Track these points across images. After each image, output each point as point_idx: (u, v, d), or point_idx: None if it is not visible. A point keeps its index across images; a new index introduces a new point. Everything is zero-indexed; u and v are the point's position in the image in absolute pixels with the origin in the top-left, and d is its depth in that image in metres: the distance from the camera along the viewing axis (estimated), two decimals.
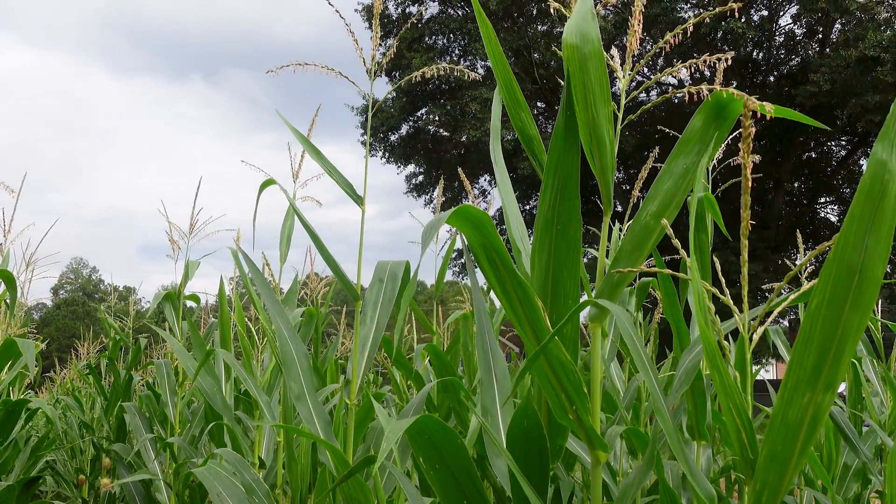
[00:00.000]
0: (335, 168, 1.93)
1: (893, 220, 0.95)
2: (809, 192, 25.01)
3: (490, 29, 1.46)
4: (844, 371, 1.01)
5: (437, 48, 23.85)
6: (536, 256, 1.37)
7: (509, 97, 1.50)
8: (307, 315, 3.42)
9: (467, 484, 1.30)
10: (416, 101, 24.26)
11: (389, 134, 25.62)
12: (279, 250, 3.10)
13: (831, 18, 20.53)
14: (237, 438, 3.05)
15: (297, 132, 1.97)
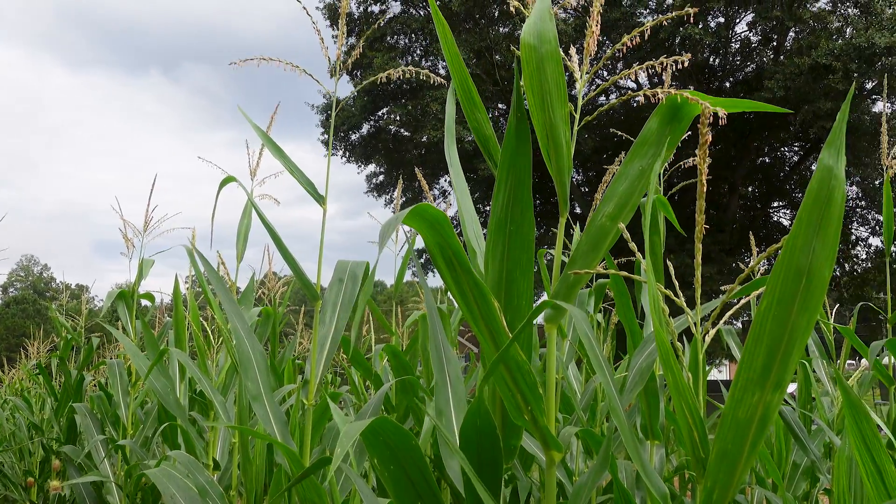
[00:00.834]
0: (297, 166, 1.92)
1: (840, 224, 0.97)
2: (763, 197, 25.51)
3: (446, 28, 1.46)
4: (793, 370, 1.03)
5: (398, 48, 23.80)
6: (490, 257, 1.38)
7: (465, 97, 1.50)
8: (264, 314, 3.39)
9: (421, 485, 1.30)
10: (377, 100, 24.18)
11: (350, 133, 25.49)
12: (236, 248, 3.06)
13: (785, 27, 20.98)
14: (191, 440, 3.01)
15: (258, 129, 1.95)
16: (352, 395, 4.19)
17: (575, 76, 1.47)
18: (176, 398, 2.98)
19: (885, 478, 1.24)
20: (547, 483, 1.34)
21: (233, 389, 3.23)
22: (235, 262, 3.10)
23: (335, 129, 24.74)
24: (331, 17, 23.62)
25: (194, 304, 3.44)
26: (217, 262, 3.22)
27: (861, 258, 23.96)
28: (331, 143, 1.96)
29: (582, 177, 24.86)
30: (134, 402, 3.80)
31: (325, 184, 1.94)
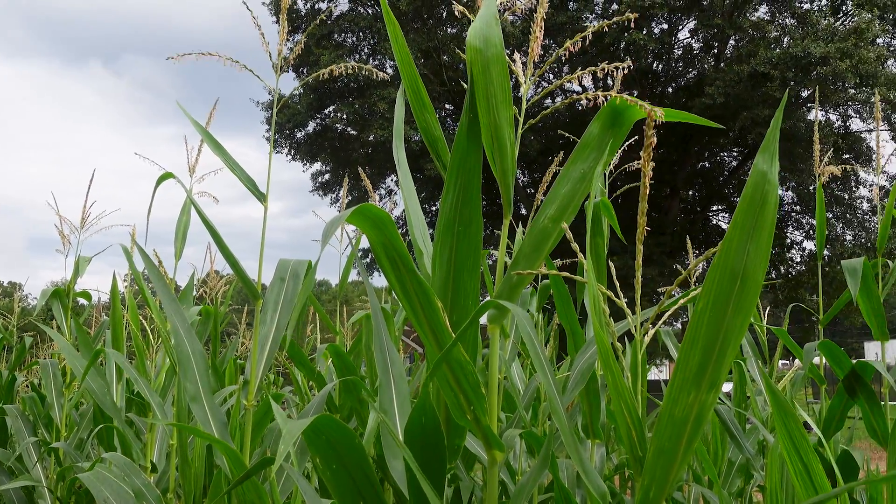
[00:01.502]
0: (237, 163, 1.89)
1: (773, 228, 1.00)
2: (703, 200, 26.11)
3: (397, 28, 1.45)
4: (727, 370, 1.05)
5: (346, 46, 23.66)
6: (438, 257, 1.38)
7: (414, 98, 1.50)
8: (205, 313, 3.33)
9: (364, 484, 1.29)
10: (323, 98, 23.99)
11: (296, 131, 25.24)
12: (174, 246, 3.00)
13: (726, 35, 21.52)
14: (128, 441, 2.94)
15: (198, 125, 1.91)
16: (295, 395, 4.15)
17: (520, 79, 1.48)
18: (112, 399, 2.91)
19: (812, 475, 1.28)
20: (489, 483, 1.34)
21: (172, 390, 3.17)
22: (174, 259, 3.04)
23: (280, 127, 24.44)
24: (276, 12, 23.35)
25: (133, 303, 3.36)
26: (155, 261, 3.16)
27: (795, 261, 24.73)
28: (273, 140, 1.93)
29: (528, 178, 25.09)
30: (68, 403, 3.69)
31: (266, 181, 1.92)
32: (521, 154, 21.58)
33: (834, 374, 2.66)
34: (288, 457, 2.29)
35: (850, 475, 2.58)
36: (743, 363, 3.25)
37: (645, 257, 20.97)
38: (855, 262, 2.59)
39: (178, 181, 1.99)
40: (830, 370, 2.72)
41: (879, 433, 2.56)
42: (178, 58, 1.84)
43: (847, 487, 0.94)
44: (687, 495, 3.35)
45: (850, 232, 23.43)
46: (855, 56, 18.04)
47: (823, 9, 20.99)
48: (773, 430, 3.19)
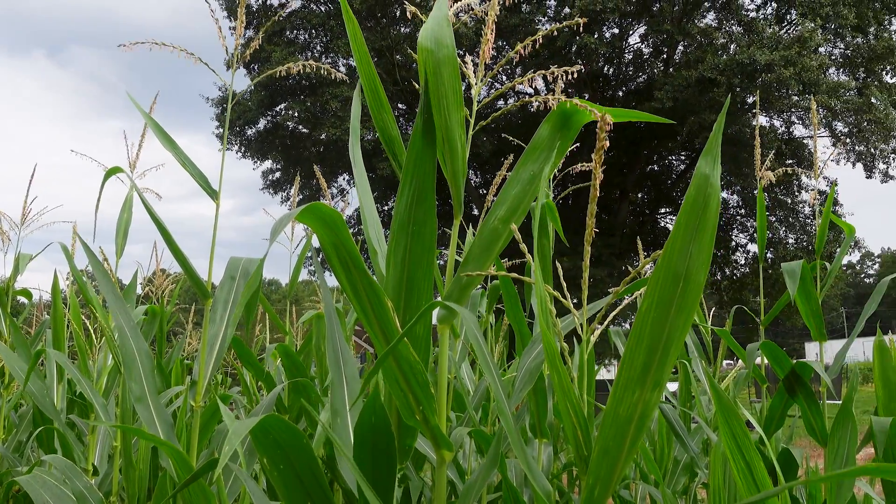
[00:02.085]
0: (189, 159, 1.86)
1: (715, 229, 1.03)
2: (652, 203, 26.56)
3: (356, 26, 1.45)
4: (671, 370, 1.08)
5: (298, 43, 23.45)
6: (392, 257, 1.38)
7: (372, 97, 1.50)
8: (151, 313, 3.27)
9: (312, 485, 1.29)
10: (274, 95, 23.73)
11: (246, 128, 24.92)
12: (115, 243, 2.94)
13: (675, 40, 21.92)
14: (69, 444, 2.87)
15: (149, 118, 1.87)
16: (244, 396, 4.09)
17: (471, 81, 1.49)
18: (52, 401, 2.84)
19: (753, 473, 1.31)
20: (437, 482, 1.35)
21: (115, 391, 3.10)
22: (115, 257, 2.98)
23: (231, 124, 24.11)
24: (228, 8, 23.05)
25: (75, 302, 3.28)
26: (100, 258, 3.09)
27: (740, 263, 25.32)
28: (225, 136, 1.90)
29: (480, 179, 25.20)
30: (7, 404, 3.59)
31: (219, 178, 1.89)
32: (474, 155, 21.67)
33: (775, 373, 2.73)
34: (236, 457, 2.26)
35: (790, 473, 2.65)
36: (688, 363, 3.31)
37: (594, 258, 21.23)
38: (794, 264, 2.66)
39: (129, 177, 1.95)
40: (772, 370, 2.79)
41: (818, 431, 2.64)
42: (130, 46, 1.80)
43: (787, 486, 0.97)
44: (634, 493, 3.41)
45: (793, 235, 24.09)
46: (798, 64, 18.54)
47: (769, 17, 21.54)
48: (716, 429, 3.26)
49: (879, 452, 2.45)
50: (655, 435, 3.38)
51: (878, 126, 21.00)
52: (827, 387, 2.72)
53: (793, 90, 19.40)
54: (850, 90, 20.74)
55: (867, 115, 20.65)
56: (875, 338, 2.63)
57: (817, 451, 8.79)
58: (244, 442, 2.11)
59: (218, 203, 1.88)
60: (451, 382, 2.87)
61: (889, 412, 2.58)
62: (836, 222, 3.00)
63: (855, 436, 2.26)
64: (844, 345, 2.71)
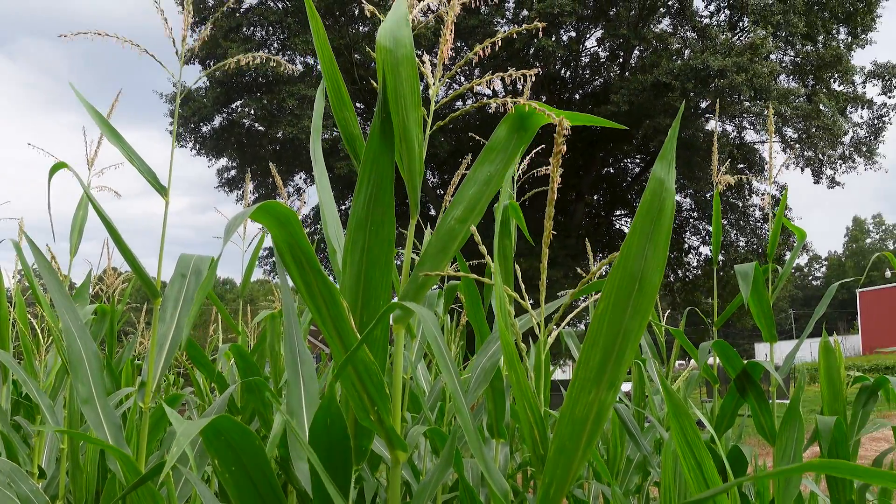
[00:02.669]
0: (137, 155, 1.82)
1: (670, 232, 1.04)
2: (607, 205, 26.89)
3: (319, 23, 1.43)
4: (626, 370, 1.08)
5: (255, 40, 23.19)
6: (349, 256, 1.37)
7: (335, 95, 1.49)
8: (101, 312, 3.20)
9: (264, 487, 1.27)
10: (230, 92, 23.44)
11: (201, 125, 24.57)
12: (70, 241, 2.87)
13: (631, 45, 22.23)
14: (14, 446, 2.79)
15: (95, 112, 1.82)
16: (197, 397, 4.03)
17: (429, 81, 1.49)
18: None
19: (703, 471, 1.33)
20: (391, 483, 1.34)
21: (63, 392, 3.02)
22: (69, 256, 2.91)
23: (185, 120, 23.74)
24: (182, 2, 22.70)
25: (21, 300, 3.19)
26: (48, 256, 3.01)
27: (693, 266, 25.78)
28: (174, 132, 1.87)
29: (438, 179, 25.24)
30: None
31: (168, 174, 1.86)
32: (432, 155, 21.69)
33: (727, 373, 2.78)
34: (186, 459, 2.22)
35: (739, 470, 2.70)
36: (642, 363, 3.35)
37: (550, 260, 21.42)
38: (746, 266, 2.71)
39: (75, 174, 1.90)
40: (723, 370, 2.84)
41: (767, 430, 2.69)
42: (70, 36, 1.75)
43: (735, 483, 0.99)
44: (587, 493, 3.44)
45: (744, 238, 24.60)
46: (750, 70, 18.94)
47: (722, 24, 21.97)
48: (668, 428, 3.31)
49: (824, 450, 2.51)
50: (609, 434, 3.42)
51: (826, 132, 21.58)
52: (777, 386, 2.78)
53: (744, 96, 19.82)
54: (800, 97, 21.27)
55: (816, 121, 21.20)
56: (821, 339, 2.70)
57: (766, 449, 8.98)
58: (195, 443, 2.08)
59: (167, 200, 1.84)
60: (407, 383, 2.86)
61: (833, 411, 2.64)
62: (788, 226, 3.07)
63: (802, 434, 2.31)
64: (795, 346, 2.77)
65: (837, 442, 2.50)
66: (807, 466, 0.99)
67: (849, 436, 2.62)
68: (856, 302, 48.70)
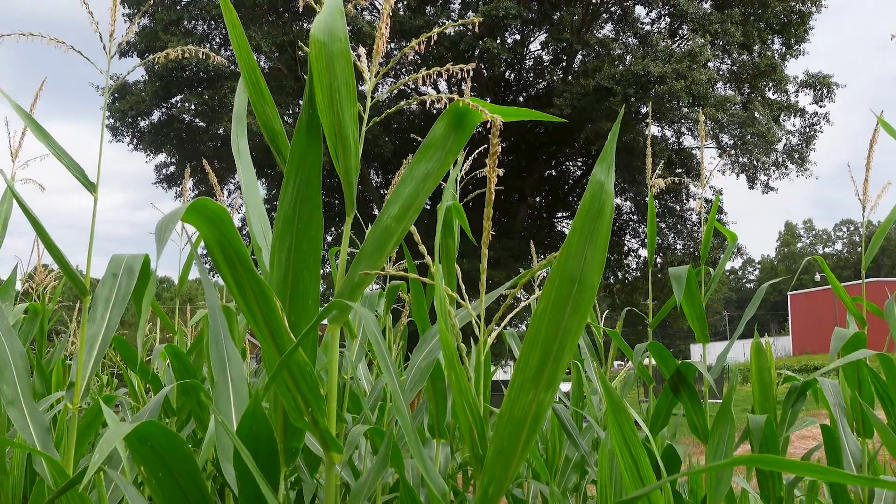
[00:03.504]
0: (63, 150, 1.76)
1: (608, 234, 1.05)
2: (549, 207, 27.16)
3: (233, 13, 1.40)
4: (564, 370, 1.09)
5: (196, 34, 22.74)
6: (276, 255, 1.34)
7: (253, 89, 1.46)
8: (31, 311, 3.09)
9: (192, 492, 1.24)
10: (170, 86, 22.90)
11: (139, 119, 23.95)
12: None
13: (574, 49, 22.51)
14: None
15: (19, 108, 1.76)
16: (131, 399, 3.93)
17: (365, 76, 1.47)
18: None
19: (639, 469, 1.35)
20: (326, 483, 1.32)
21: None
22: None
23: (122, 114, 23.12)
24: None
25: None
26: None
27: (632, 268, 26.23)
28: (104, 125, 1.82)
29: (382, 179, 25.12)
30: None
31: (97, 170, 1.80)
32: (376, 155, 21.58)
33: (662, 374, 2.84)
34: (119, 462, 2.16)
35: (673, 468, 2.76)
36: (581, 364, 3.39)
37: (493, 260, 21.55)
38: (681, 269, 2.77)
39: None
40: (659, 370, 2.90)
41: (700, 429, 2.75)
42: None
43: (669, 479, 1.00)
44: (526, 492, 3.46)
45: (680, 241, 25.14)
46: (689, 77, 19.35)
47: (662, 31, 22.41)
48: (606, 428, 3.35)
49: (755, 448, 2.58)
50: (548, 434, 3.45)
51: (761, 139, 22.19)
52: (710, 386, 2.84)
53: (683, 102, 20.24)
54: (736, 104, 21.83)
55: (751, 128, 21.78)
56: (753, 340, 2.77)
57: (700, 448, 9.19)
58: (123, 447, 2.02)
59: (96, 196, 1.79)
60: (348, 383, 2.84)
61: (764, 410, 2.72)
62: (720, 230, 3.15)
63: (733, 433, 2.37)
64: (726, 346, 2.84)
65: (768, 439, 2.57)
66: (736, 461, 1.01)
67: (778, 433, 2.70)
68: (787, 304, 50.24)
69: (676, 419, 3.58)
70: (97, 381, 5.25)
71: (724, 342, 27.31)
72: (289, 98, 22.21)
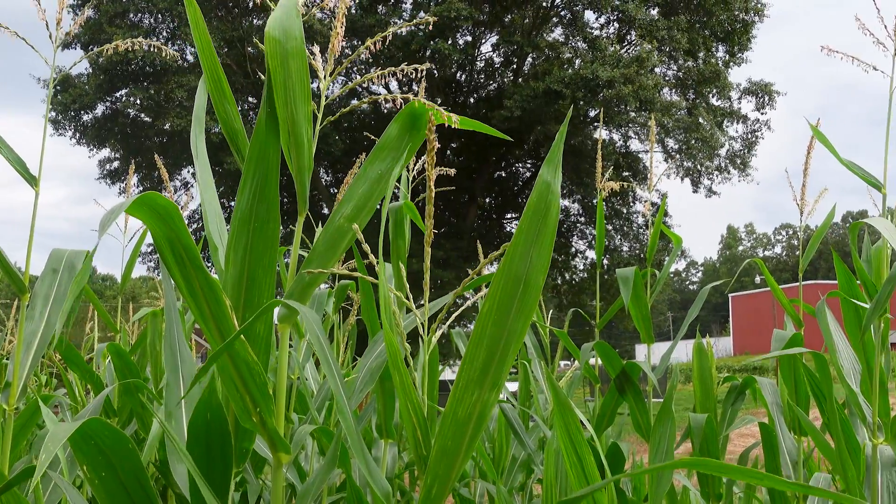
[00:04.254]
0: (4, 142, 1.71)
1: (554, 235, 1.07)
2: (499, 208, 27.31)
3: (198, 11, 1.39)
4: (508, 370, 1.10)
5: (142, 27, 22.24)
6: (232, 253, 1.33)
7: (215, 87, 1.44)
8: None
9: (137, 493, 1.21)
10: (115, 80, 22.37)
11: (82, 113, 23.34)
12: None
13: (525, 52, 22.68)
14: None
15: None
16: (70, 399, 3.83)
17: (319, 75, 1.47)
18: None
19: (584, 467, 1.37)
20: (274, 485, 1.32)
21: None
22: None
23: (65, 107, 22.51)
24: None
25: None
26: None
27: (579, 269, 26.54)
28: (46, 117, 1.77)
29: (332, 178, 24.96)
30: None
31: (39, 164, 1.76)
32: (326, 153, 21.43)
33: (608, 373, 2.88)
34: (57, 463, 2.11)
35: (617, 466, 2.80)
36: (528, 364, 3.42)
37: (443, 261, 21.58)
38: (627, 271, 2.82)
39: None
40: (605, 370, 2.94)
41: (643, 427, 2.81)
42: None
43: (612, 479, 1.02)
44: (473, 491, 3.48)
45: (627, 243, 25.53)
46: (636, 82, 19.68)
47: (611, 36, 22.73)
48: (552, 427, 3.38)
49: (696, 446, 2.64)
50: (495, 433, 3.47)
51: (705, 144, 22.70)
52: (654, 386, 2.90)
53: (630, 106, 20.57)
54: (681, 110, 22.28)
55: (695, 133, 22.25)
56: (695, 340, 2.84)
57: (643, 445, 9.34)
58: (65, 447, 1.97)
59: (37, 190, 1.75)
60: (295, 383, 2.82)
61: (705, 409, 2.78)
62: (666, 233, 3.21)
63: (673, 431, 2.42)
64: (669, 347, 2.90)
65: (708, 438, 2.64)
66: (677, 464, 1.04)
67: (718, 432, 2.76)
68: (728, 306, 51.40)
69: (622, 418, 3.64)
70: (35, 380, 5.11)
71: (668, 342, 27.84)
72: (237, 95, 21.91)
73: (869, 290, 2.14)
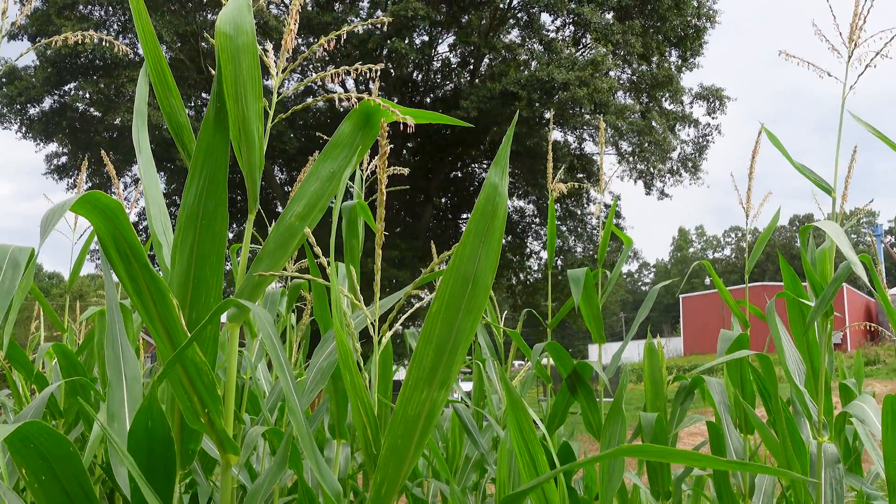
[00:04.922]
0: None
1: (502, 235, 1.07)
2: (454, 208, 27.38)
3: (141, 4, 1.36)
4: (458, 369, 1.11)
5: (92, 19, 21.77)
6: (178, 251, 1.31)
7: (158, 79, 1.41)
8: None
9: (78, 496, 1.19)
10: (63, 73, 21.84)
11: (28, 106, 22.74)
12: None
13: (482, 53, 22.77)
14: None
15: None
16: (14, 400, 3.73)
17: (271, 71, 1.46)
18: None
19: (537, 466, 1.39)
20: (223, 486, 1.30)
21: None
22: None
23: (10, 100, 21.91)
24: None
25: None
26: None
27: (533, 269, 26.75)
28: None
29: (286, 176, 24.74)
30: None
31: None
32: (281, 151, 21.23)
33: (560, 373, 2.91)
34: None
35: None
36: (482, 364, 3.44)
37: (398, 260, 21.53)
38: (578, 271, 2.85)
39: None
40: (557, 370, 2.97)
41: (595, 426, 2.84)
42: None
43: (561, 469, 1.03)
44: (426, 491, 3.48)
45: (580, 244, 25.81)
46: (591, 85, 19.89)
47: (567, 39, 22.94)
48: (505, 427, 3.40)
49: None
50: (448, 433, 3.48)
51: (657, 147, 23.06)
52: (605, 385, 2.93)
53: (585, 109, 20.79)
54: (635, 113, 22.60)
55: (648, 136, 22.59)
56: (646, 340, 2.88)
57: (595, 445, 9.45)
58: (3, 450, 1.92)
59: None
60: (247, 383, 2.79)
61: (655, 408, 2.83)
62: (617, 234, 3.25)
63: (624, 430, 2.46)
64: (620, 346, 2.94)
65: (658, 436, 2.68)
66: (623, 451, 1.06)
67: (668, 430, 2.81)
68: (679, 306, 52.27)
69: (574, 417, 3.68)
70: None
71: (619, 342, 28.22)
72: (191, 90, 21.58)
73: (816, 289, 2.20)
